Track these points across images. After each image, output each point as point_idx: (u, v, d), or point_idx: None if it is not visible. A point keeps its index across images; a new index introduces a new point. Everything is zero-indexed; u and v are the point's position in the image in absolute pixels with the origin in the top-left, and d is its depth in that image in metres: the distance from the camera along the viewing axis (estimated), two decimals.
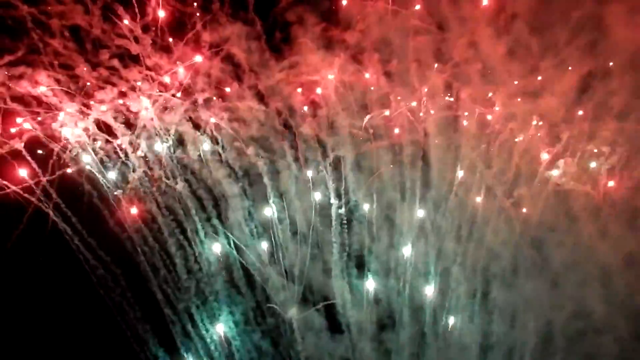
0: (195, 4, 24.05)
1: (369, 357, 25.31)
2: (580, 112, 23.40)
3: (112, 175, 24.65)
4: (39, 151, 23.89)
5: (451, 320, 25.29)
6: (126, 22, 23.57)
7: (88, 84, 23.69)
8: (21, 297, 24.25)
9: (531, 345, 23.67)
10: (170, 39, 24.24)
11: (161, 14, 23.79)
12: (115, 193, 24.78)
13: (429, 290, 25.00)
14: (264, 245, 25.52)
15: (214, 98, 24.90)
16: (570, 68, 22.76)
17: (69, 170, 24.25)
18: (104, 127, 24.37)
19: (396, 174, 24.62)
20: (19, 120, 23.12)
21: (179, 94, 24.69)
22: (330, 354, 25.69)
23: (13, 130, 23.14)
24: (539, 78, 23.32)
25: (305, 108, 25.17)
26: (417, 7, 23.35)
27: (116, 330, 25.29)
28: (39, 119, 23.59)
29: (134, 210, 24.77)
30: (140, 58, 24.01)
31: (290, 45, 24.30)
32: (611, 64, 22.26)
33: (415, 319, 25.45)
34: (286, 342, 25.90)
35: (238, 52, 24.21)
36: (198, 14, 23.82)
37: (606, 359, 22.42)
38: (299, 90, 24.93)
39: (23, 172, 23.38)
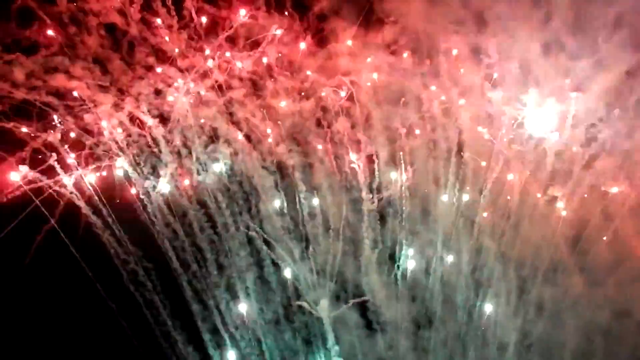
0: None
1: (403, 356, 24.99)
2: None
3: (145, 169, 24.74)
4: (72, 144, 24.02)
5: (488, 318, 24.98)
6: (159, 21, 23.94)
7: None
8: (51, 290, 24.25)
9: (571, 345, 23.28)
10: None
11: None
12: (147, 187, 24.80)
13: (465, 288, 24.75)
14: (295, 240, 25.39)
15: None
16: (607, 66, 22.75)
17: (101, 164, 24.44)
18: (138, 122, 24.58)
19: (430, 169, 24.57)
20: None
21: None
22: (362, 351, 25.45)
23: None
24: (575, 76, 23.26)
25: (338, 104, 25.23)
26: None
27: (145, 326, 25.29)
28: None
29: (165, 204, 24.85)
30: (176, 55, 24.20)
31: (326, 42, 24.53)
32: None
33: (450, 316, 25.18)
34: (318, 340, 25.63)
35: (274, 49, 24.38)
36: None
37: None
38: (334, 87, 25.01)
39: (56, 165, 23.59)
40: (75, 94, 23.46)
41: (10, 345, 23.73)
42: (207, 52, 24.47)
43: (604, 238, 23.32)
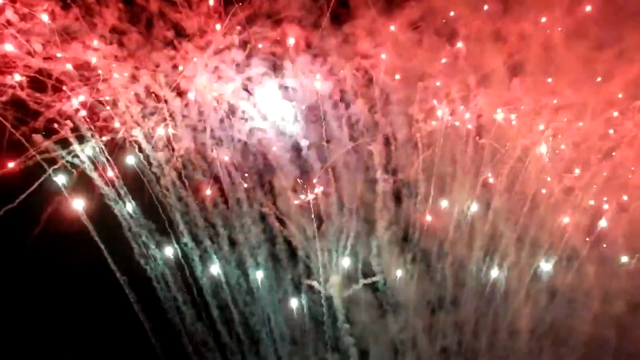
0: None
1: (413, 336, 25.21)
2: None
3: (160, 143, 24.64)
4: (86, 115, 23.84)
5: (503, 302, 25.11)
6: None
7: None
8: (59, 261, 24.16)
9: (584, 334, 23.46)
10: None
11: None
12: (161, 161, 24.69)
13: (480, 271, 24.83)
14: (309, 219, 25.26)
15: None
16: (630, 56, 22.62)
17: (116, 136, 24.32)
18: (154, 95, 24.41)
19: (447, 153, 24.61)
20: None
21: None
22: (373, 331, 25.58)
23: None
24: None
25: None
26: None
27: (154, 300, 25.25)
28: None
29: (178, 178, 24.79)
30: (195, 31, 24.01)
31: (345, 22, 24.32)
32: None
33: (462, 299, 25.40)
34: (328, 319, 25.73)
35: (293, 29, 24.18)
36: None
37: None
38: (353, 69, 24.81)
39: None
40: (92, 64, 23.39)
41: (15, 317, 23.78)
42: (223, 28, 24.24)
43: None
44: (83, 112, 23.42)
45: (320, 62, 24.65)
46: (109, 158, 24.17)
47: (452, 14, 23.92)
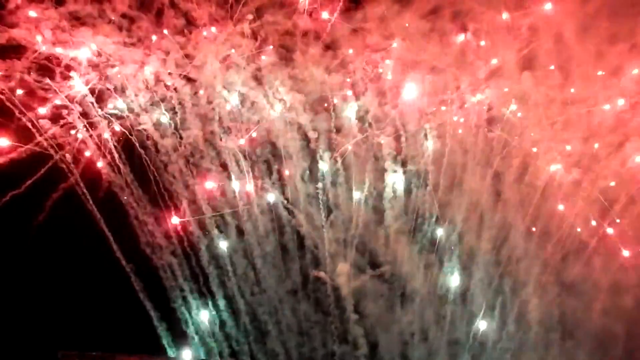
0: None
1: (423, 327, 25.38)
2: None
3: (168, 130, 24.56)
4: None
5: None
6: None
7: None
8: (64, 248, 23.99)
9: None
10: None
11: None
12: (168, 147, 24.61)
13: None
14: (318, 207, 25.31)
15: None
16: None
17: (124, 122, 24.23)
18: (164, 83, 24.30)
19: (457, 144, 24.64)
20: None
21: None
22: (381, 321, 25.57)
23: None
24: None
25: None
26: None
27: (160, 288, 25.18)
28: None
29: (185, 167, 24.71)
30: (206, 21, 23.97)
31: (357, 13, 24.29)
32: None
33: (476, 291, 25.41)
34: (335, 309, 25.76)
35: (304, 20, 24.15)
36: None
37: None
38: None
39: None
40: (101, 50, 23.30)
41: (20, 304, 23.71)
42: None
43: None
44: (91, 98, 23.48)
45: (331, 54, 24.80)
46: (116, 145, 24.17)
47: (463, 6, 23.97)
